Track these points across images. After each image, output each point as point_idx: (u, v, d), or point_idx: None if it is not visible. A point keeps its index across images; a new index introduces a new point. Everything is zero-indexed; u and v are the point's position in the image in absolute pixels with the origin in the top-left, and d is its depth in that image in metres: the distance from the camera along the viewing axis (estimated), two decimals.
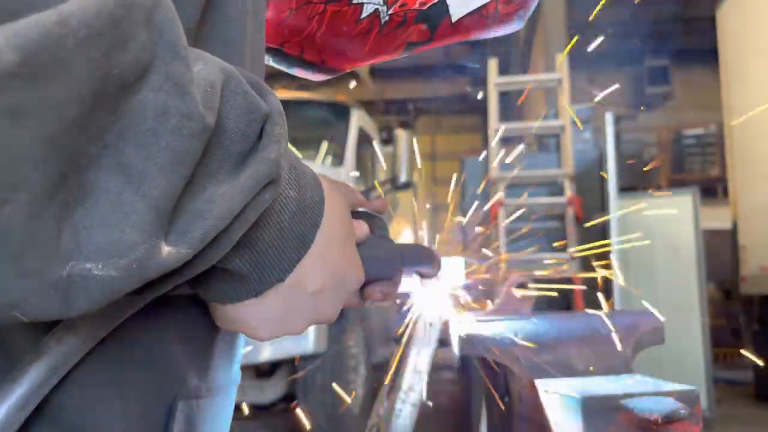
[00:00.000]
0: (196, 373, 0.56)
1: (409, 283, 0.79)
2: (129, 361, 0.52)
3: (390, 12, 0.80)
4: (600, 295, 1.78)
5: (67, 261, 0.37)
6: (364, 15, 0.80)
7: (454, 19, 0.82)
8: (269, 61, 0.87)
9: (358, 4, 0.79)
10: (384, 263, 0.70)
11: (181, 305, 0.55)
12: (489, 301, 1.78)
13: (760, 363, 4.88)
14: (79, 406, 0.48)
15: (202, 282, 0.52)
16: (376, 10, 0.79)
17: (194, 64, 0.43)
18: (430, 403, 1.74)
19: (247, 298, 0.53)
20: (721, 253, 8.53)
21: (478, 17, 0.83)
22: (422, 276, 0.83)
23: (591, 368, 1.41)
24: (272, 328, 0.57)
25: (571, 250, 5.27)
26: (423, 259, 0.78)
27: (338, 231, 0.59)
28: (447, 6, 0.81)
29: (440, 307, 1.68)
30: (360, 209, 0.71)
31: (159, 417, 0.53)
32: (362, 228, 0.67)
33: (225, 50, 0.51)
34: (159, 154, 0.39)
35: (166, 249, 0.41)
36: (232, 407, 0.65)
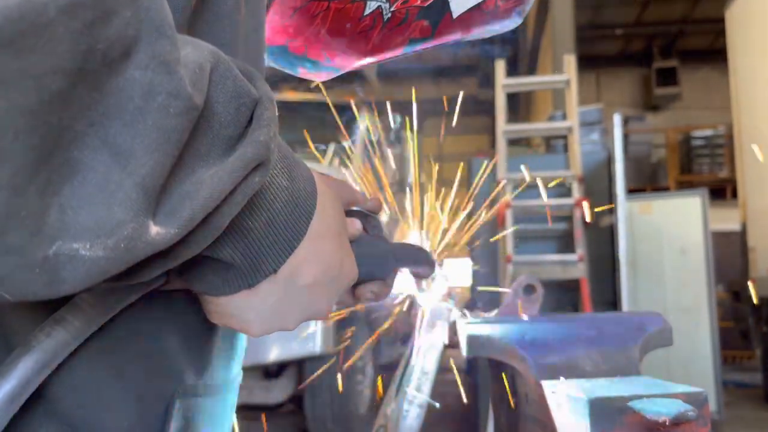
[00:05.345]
0: (193, 372, 0.56)
1: (405, 283, 0.79)
2: (126, 357, 0.51)
3: (392, 9, 0.80)
4: None
5: (54, 240, 0.37)
6: (366, 12, 0.80)
7: (455, 15, 0.82)
8: (269, 62, 0.88)
9: (361, 1, 0.79)
10: (377, 262, 0.70)
11: (179, 303, 0.55)
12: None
13: None
14: (76, 400, 0.48)
15: (194, 273, 0.52)
16: (379, 7, 0.80)
17: (183, 47, 0.43)
18: (437, 404, 1.73)
19: (240, 290, 0.53)
20: (730, 254, 8.50)
21: (478, 13, 0.84)
22: (416, 276, 0.82)
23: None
24: (265, 322, 0.56)
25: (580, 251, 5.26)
26: (417, 260, 0.77)
27: (331, 225, 0.58)
28: (448, 2, 0.81)
29: (446, 308, 1.68)
30: (355, 208, 0.70)
31: (156, 415, 0.53)
32: (355, 225, 0.67)
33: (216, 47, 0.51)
34: (146, 133, 0.39)
35: (154, 229, 0.41)
36: (233, 408, 0.65)
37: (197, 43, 0.45)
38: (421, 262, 0.78)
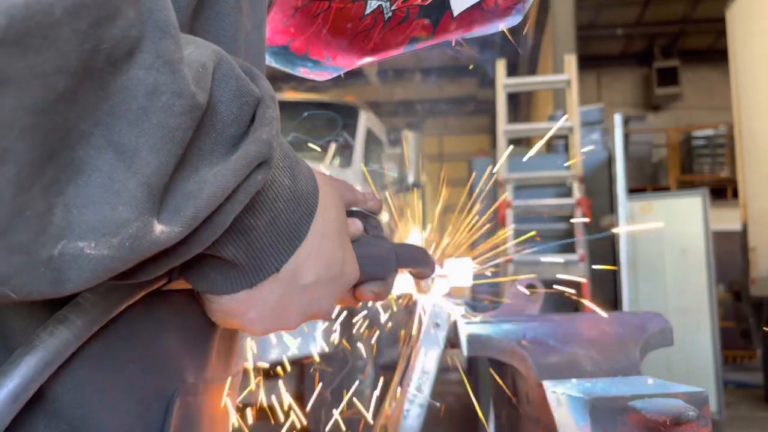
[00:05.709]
0: (194, 371, 0.56)
1: (404, 283, 0.78)
2: (127, 356, 0.52)
3: (393, 8, 0.80)
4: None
5: (59, 239, 0.37)
6: (368, 11, 0.80)
7: (455, 13, 0.83)
8: (270, 62, 0.88)
9: (362, 0, 0.79)
10: (378, 262, 0.70)
11: (179, 303, 0.55)
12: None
13: None
14: (76, 400, 0.48)
15: (197, 272, 0.52)
16: (380, 6, 0.80)
17: (186, 47, 0.43)
18: (438, 404, 1.73)
19: (242, 289, 0.53)
20: (731, 254, 8.49)
21: (478, 11, 0.84)
22: (416, 277, 0.82)
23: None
24: (267, 321, 0.56)
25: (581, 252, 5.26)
26: (418, 260, 0.77)
27: (333, 224, 0.58)
28: (448, 1, 0.81)
29: (448, 308, 1.68)
30: (355, 208, 0.70)
31: (156, 413, 0.53)
32: (356, 225, 0.67)
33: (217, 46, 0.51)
34: (150, 132, 0.39)
35: (158, 227, 0.41)
36: (233, 407, 0.65)
37: (200, 42, 0.45)
38: (421, 262, 0.78)
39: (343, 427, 1.70)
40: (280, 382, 5.31)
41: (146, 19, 0.39)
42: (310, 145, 5.78)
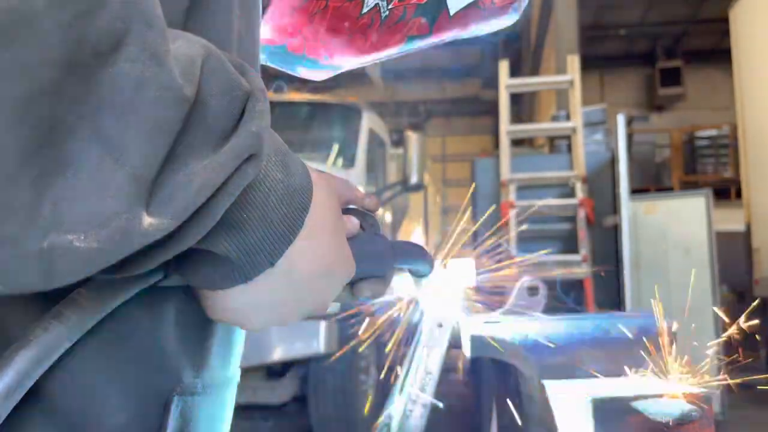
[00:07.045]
0: (192, 370, 0.56)
1: (402, 282, 0.78)
2: (124, 354, 0.51)
3: (390, 6, 0.81)
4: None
5: (48, 232, 0.37)
6: (365, 10, 0.81)
7: (452, 12, 0.83)
8: (268, 61, 0.88)
9: None
10: (375, 260, 0.69)
11: (176, 300, 0.55)
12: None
13: None
14: (73, 398, 0.48)
15: (191, 267, 0.52)
16: (377, 5, 0.80)
17: (174, 41, 0.43)
18: (441, 404, 1.73)
19: (237, 284, 0.53)
20: (734, 255, 8.48)
21: (475, 10, 0.84)
22: (415, 275, 0.82)
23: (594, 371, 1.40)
24: (263, 316, 0.56)
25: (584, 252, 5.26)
26: (416, 258, 0.77)
27: (328, 219, 0.58)
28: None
29: (451, 308, 1.68)
30: (352, 206, 0.70)
31: (154, 413, 0.53)
32: (352, 222, 0.67)
33: None
34: (137, 125, 0.40)
35: (147, 220, 0.41)
36: (232, 407, 0.65)
37: (189, 36, 0.45)
38: (419, 260, 0.78)
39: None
40: (283, 382, 5.31)
41: (132, 11, 0.39)
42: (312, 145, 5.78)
